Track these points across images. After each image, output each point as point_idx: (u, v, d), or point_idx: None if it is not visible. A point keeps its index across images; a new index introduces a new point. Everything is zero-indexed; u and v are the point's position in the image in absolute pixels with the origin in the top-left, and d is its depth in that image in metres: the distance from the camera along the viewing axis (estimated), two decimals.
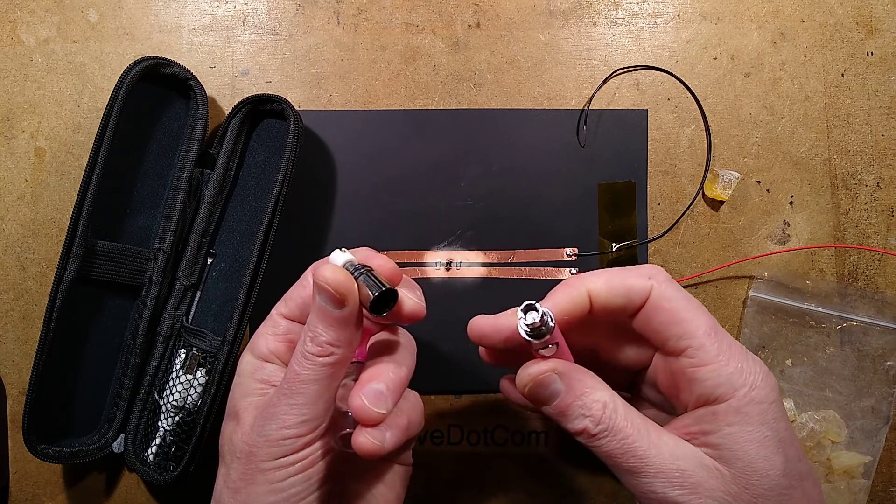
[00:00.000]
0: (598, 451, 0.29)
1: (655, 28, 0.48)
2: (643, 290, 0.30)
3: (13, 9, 0.47)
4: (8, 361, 0.47)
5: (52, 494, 0.47)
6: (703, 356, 0.29)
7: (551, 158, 0.47)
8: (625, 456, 0.28)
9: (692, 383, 0.29)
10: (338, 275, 0.29)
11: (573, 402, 0.30)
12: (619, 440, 0.28)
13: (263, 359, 0.34)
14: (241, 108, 0.45)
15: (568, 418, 0.30)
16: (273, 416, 0.30)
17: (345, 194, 0.47)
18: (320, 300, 0.30)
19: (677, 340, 0.29)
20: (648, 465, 0.28)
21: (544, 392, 0.30)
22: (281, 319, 0.34)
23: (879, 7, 0.47)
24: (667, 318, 0.30)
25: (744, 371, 0.28)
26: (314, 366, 0.30)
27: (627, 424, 0.29)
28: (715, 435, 0.28)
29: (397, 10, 0.48)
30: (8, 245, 0.47)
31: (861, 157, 0.47)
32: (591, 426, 0.29)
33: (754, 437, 0.28)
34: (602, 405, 0.29)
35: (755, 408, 0.28)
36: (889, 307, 0.46)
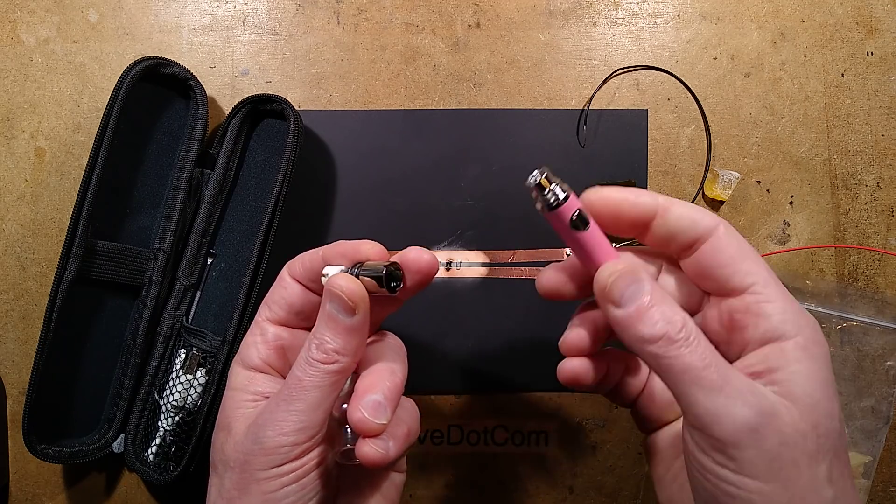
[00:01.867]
0: (674, 363, 0.26)
1: (655, 28, 0.48)
2: (710, 224, 0.29)
3: (13, 9, 0.47)
4: (8, 361, 0.47)
5: (52, 494, 0.47)
6: (770, 292, 0.28)
7: (551, 158, 0.47)
8: (707, 369, 0.26)
9: (759, 318, 0.28)
10: (351, 283, 0.29)
11: (656, 304, 0.27)
12: (702, 350, 0.26)
13: (255, 369, 0.33)
14: (241, 108, 0.45)
15: (646, 322, 0.27)
16: (270, 423, 0.29)
17: (345, 194, 0.47)
18: (331, 308, 0.30)
19: (744, 276, 0.28)
20: (729, 383, 0.26)
21: (627, 289, 0.28)
22: (268, 325, 0.33)
23: (879, 7, 0.47)
24: (734, 253, 0.29)
25: (804, 314, 0.28)
26: (318, 373, 0.30)
27: (709, 344, 0.27)
28: (782, 372, 0.27)
29: (397, 10, 0.48)
30: (8, 245, 0.47)
31: (861, 157, 0.47)
32: (673, 331, 0.27)
33: (820, 377, 0.27)
34: (682, 317, 0.27)
35: (819, 349, 0.27)
36: (889, 307, 0.46)
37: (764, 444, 0.25)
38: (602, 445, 0.47)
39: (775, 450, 0.25)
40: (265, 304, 0.34)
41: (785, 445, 0.25)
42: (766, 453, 0.25)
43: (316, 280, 0.33)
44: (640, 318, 0.28)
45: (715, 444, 0.26)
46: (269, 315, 0.34)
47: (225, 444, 0.31)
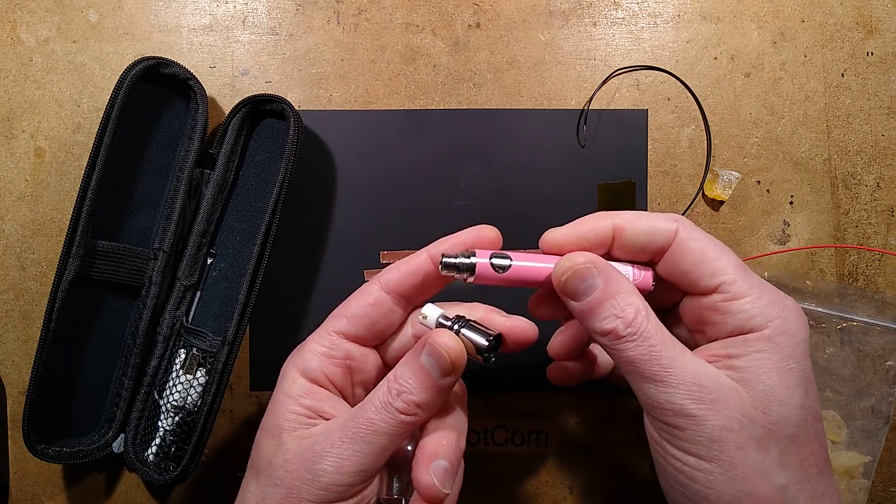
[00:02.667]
0: (621, 356, 0.29)
1: (655, 28, 0.48)
2: (669, 231, 0.30)
3: (13, 9, 0.47)
4: (8, 361, 0.47)
5: (52, 494, 0.47)
6: (736, 290, 0.29)
7: (551, 158, 0.47)
8: (649, 363, 0.28)
9: (726, 316, 0.29)
10: (456, 345, 0.29)
11: (607, 300, 0.29)
12: (647, 346, 0.28)
13: (316, 381, 0.31)
14: (241, 108, 0.45)
15: (598, 316, 0.29)
16: (327, 457, 0.28)
17: (345, 194, 0.47)
18: (427, 362, 0.29)
19: (709, 278, 0.29)
20: (671, 375, 0.27)
21: (581, 284, 0.30)
22: (341, 340, 0.32)
23: (879, 7, 0.47)
24: (696, 257, 0.30)
25: (776, 303, 0.29)
26: (394, 421, 0.29)
27: (656, 333, 0.28)
28: (741, 359, 0.28)
29: (397, 10, 0.48)
30: (8, 245, 0.47)
31: (861, 157, 0.47)
32: (622, 327, 0.28)
33: (780, 366, 0.28)
34: (635, 309, 0.29)
35: (786, 339, 0.28)
36: (889, 307, 0.46)
37: (703, 428, 0.27)
38: (602, 445, 0.47)
39: (716, 433, 0.27)
40: (341, 317, 0.32)
41: (727, 430, 0.27)
42: (706, 436, 0.27)
43: (415, 291, 0.32)
44: (591, 312, 0.29)
45: (660, 425, 0.28)
46: (346, 329, 0.32)
47: (273, 455, 0.30)
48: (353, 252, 0.47)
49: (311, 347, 0.32)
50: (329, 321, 0.33)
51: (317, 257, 0.47)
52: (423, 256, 0.32)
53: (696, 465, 0.27)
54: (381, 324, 0.32)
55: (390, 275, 0.32)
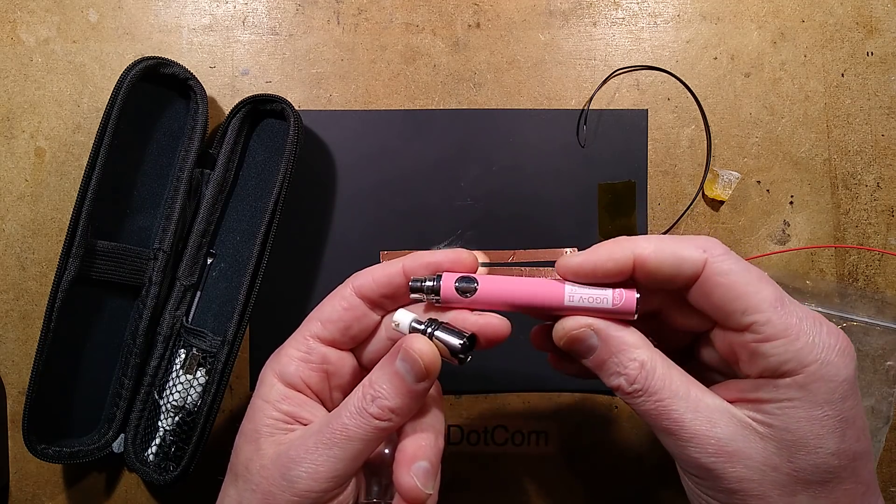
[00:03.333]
0: (635, 410, 0.29)
1: (655, 28, 0.48)
2: (696, 262, 0.28)
3: (13, 9, 0.47)
4: (8, 361, 0.47)
5: (52, 494, 0.47)
6: (770, 331, 0.26)
7: (551, 158, 0.47)
8: (659, 417, 0.28)
9: (756, 357, 0.27)
10: (430, 350, 0.29)
11: (609, 358, 0.29)
12: (654, 402, 0.28)
13: (293, 386, 0.31)
14: (241, 108, 0.45)
15: (604, 373, 0.29)
16: (302, 463, 0.28)
17: (345, 194, 0.47)
18: (402, 367, 0.29)
19: (740, 316, 0.27)
20: (683, 429, 0.27)
21: (580, 347, 0.30)
22: (317, 344, 0.32)
23: (879, 7, 0.47)
24: (725, 293, 0.27)
25: (815, 346, 0.26)
26: (367, 426, 0.29)
27: (664, 386, 0.28)
28: (771, 405, 0.27)
29: (397, 10, 0.48)
30: (8, 245, 0.47)
31: (861, 157, 0.47)
32: (626, 385, 0.28)
33: (813, 416, 0.26)
34: (639, 364, 0.28)
35: (822, 386, 0.26)
36: (889, 307, 0.46)
37: (721, 481, 0.27)
38: (602, 445, 0.47)
39: (734, 485, 0.26)
40: (316, 321, 0.32)
41: (746, 480, 0.26)
42: (724, 488, 0.27)
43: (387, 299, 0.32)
44: (598, 369, 0.30)
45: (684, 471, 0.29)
46: (322, 333, 0.32)
47: (251, 460, 0.30)
48: (353, 252, 0.47)
49: (288, 352, 0.31)
50: (305, 325, 0.32)
51: (317, 257, 0.47)
52: (397, 267, 0.31)
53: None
54: (355, 328, 0.32)
55: (363, 279, 0.32)
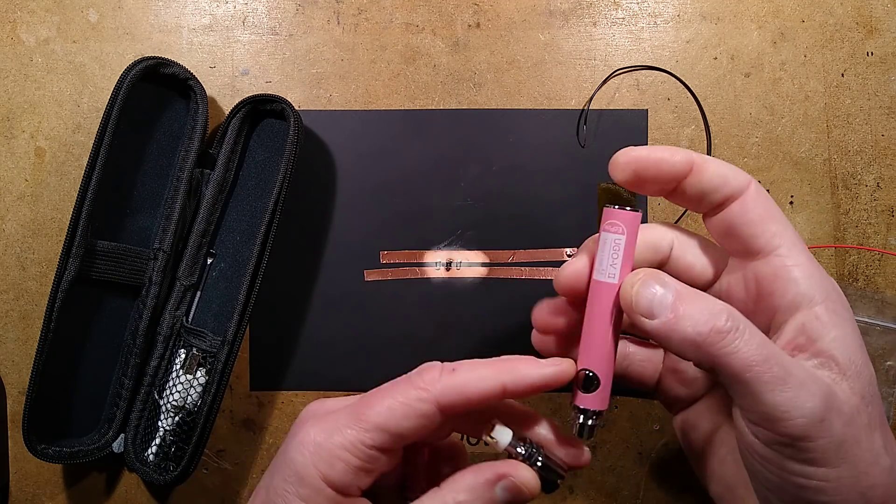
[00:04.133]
0: (731, 362, 0.24)
1: (655, 28, 0.48)
2: (743, 181, 0.28)
3: (13, 9, 0.47)
4: (8, 361, 0.47)
5: (52, 494, 0.47)
6: (797, 256, 0.27)
7: (551, 158, 0.47)
8: (767, 362, 0.24)
9: (787, 283, 0.26)
10: (537, 482, 0.28)
11: (691, 307, 0.25)
12: (757, 342, 0.24)
13: (343, 493, 0.27)
14: (241, 108, 0.45)
15: (688, 321, 0.25)
16: None
17: (345, 194, 0.47)
18: (502, 496, 0.27)
19: (771, 237, 0.27)
20: (793, 374, 0.24)
21: (653, 297, 0.26)
22: (378, 454, 0.27)
23: (879, 7, 0.47)
24: (764, 212, 0.27)
25: (827, 277, 0.27)
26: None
27: (759, 332, 0.25)
28: (822, 341, 0.25)
29: (397, 10, 0.48)
30: (8, 245, 0.47)
31: (861, 157, 0.47)
32: (721, 323, 0.25)
33: (857, 342, 0.26)
34: (723, 305, 0.25)
35: (847, 312, 0.26)
36: (889, 307, 0.46)
37: (832, 431, 0.24)
38: (602, 445, 0.47)
39: (840, 433, 0.24)
40: (384, 431, 0.27)
41: (848, 426, 0.24)
42: (834, 439, 0.24)
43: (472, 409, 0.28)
44: (679, 320, 0.26)
45: (783, 439, 0.24)
46: (385, 444, 0.27)
47: None
48: (353, 252, 0.47)
49: (345, 456, 0.27)
50: (369, 427, 0.27)
51: (317, 257, 0.47)
52: (494, 386, 0.28)
53: (825, 476, 0.24)
54: (426, 437, 0.29)
55: (452, 397, 0.27)
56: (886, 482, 0.25)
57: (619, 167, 0.30)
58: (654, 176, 0.29)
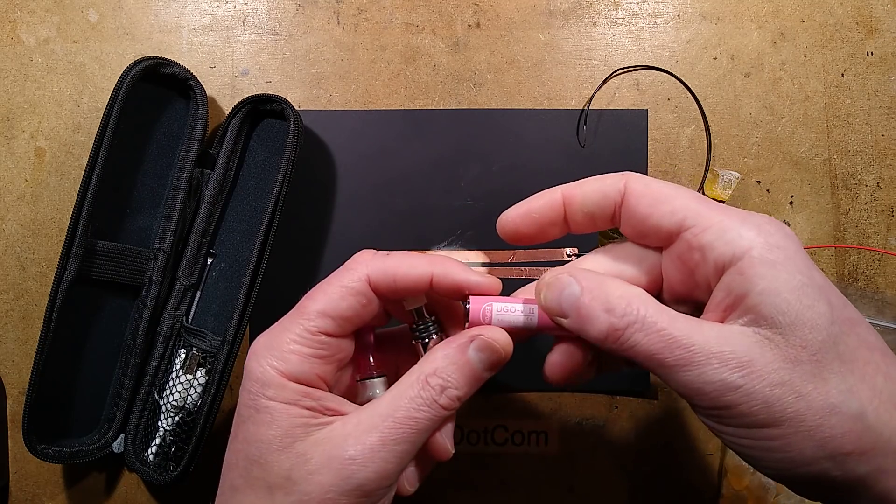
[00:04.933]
0: (638, 353, 0.26)
1: (655, 28, 0.48)
2: (617, 184, 0.28)
3: (13, 9, 0.47)
4: (8, 361, 0.47)
5: (52, 494, 0.47)
6: (703, 221, 0.26)
7: (551, 158, 0.47)
8: (668, 349, 0.25)
9: (704, 251, 0.26)
10: (509, 343, 0.29)
11: (591, 300, 0.26)
12: (656, 332, 0.25)
13: (308, 384, 0.29)
14: (241, 108, 0.45)
15: (590, 321, 0.26)
16: (370, 464, 0.26)
17: (345, 194, 0.47)
18: (477, 359, 0.28)
19: (671, 217, 0.27)
20: (696, 353, 0.24)
21: (559, 296, 0.28)
22: (329, 339, 0.29)
23: (879, 7, 0.47)
24: (651, 199, 0.28)
25: (749, 221, 0.26)
26: (437, 416, 0.28)
27: (661, 317, 0.26)
28: (751, 296, 0.25)
29: (397, 10, 0.48)
30: (8, 245, 0.47)
31: (861, 157, 0.47)
32: (616, 320, 0.26)
33: (791, 285, 0.24)
34: (626, 300, 0.26)
35: (780, 253, 0.25)
36: (889, 307, 0.46)
37: (754, 394, 0.24)
38: (602, 445, 0.47)
39: (768, 393, 0.24)
40: (327, 317, 0.29)
41: (778, 384, 0.24)
42: (760, 400, 0.24)
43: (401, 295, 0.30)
44: (584, 320, 0.27)
45: (710, 411, 0.25)
46: (333, 330, 0.29)
47: (293, 469, 0.27)
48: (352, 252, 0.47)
49: (291, 348, 0.29)
50: (311, 316, 0.29)
51: (317, 257, 0.47)
52: (423, 273, 0.29)
53: (766, 436, 0.24)
54: (366, 318, 0.30)
55: (382, 276, 0.29)
56: (850, 430, 0.24)
57: (502, 233, 0.31)
58: (534, 229, 0.30)
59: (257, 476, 0.28)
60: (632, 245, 0.31)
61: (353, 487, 0.26)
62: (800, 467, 0.24)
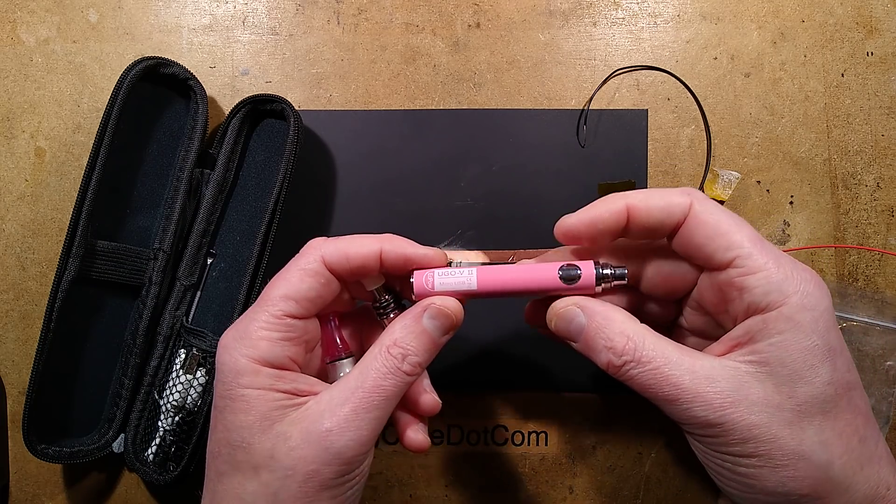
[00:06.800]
0: (633, 384, 0.29)
1: (655, 28, 0.48)
2: (683, 204, 0.29)
3: (13, 9, 0.47)
4: (8, 361, 0.47)
5: (52, 494, 0.47)
6: (752, 264, 0.28)
7: (551, 158, 0.47)
8: (659, 385, 0.28)
9: (742, 292, 0.28)
10: (459, 308, 0.32)
11: (595, 334, 0.30)
12: (649, 370, 0.28)
13: (280, 367, 0.30)
14: (241, 108, 0.45)
15: (594, 351, 0.30)
16: (345, 432, 0.29)
17: (345, 194, 0.47)
18: (431, 325, 0.31)
19: (724, 252, 0.29)
20: (683, 391, 0.27)
21: (569, 326, 0.31)
22: (295, 321, 0.31)
23: (879, 7, 0.47)
24: (711, 230, 0.29)
25: (794, 278, 0.28)
26: (402, 382, 0.30)
27: (656, 354, 0.28)
28: (762, 343, 0.27)
29: (397, 10, 0.48)
30: (8, 245, 0.47)
31: (861, 157, 0.47)
32: (615, 358, 0.29)
33: (803, 345, 0.27)
34: (626, 337, 0.29)
35: (807, 315, 0.27)
36: (889, 307, 0.46)
37: (732, 431, 0.27)
38: (602, 445, 0.47)
39: (745, 432, 0.27)
40: (290, 299, 0.31)
41: (755, 426, 0.27)
42: (738, 437, 0.27)
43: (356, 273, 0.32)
44: (588, 350, 0.30)
45: (693, 435, 0.29)
46: (297, 312, 0.31)
47: (274, 448, 0.29)
48: None
49: (263, 334, 0.30)
50: (273, 302, 0.31)
51: None
52: (373, 250, 0.32)
53: (741, 463, 0.28)
54: (328, 299, 0.32)
55: (336, 257, 0.31)
56: (813, 475, 0.27)
57: (559, 234, 0.33)
58: (592, 234, 0.32)
59: (241, 459, 0.29)
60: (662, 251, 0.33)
61: (332, 456, 0.28)
62: (760, 496, 0.28)
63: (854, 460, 0.27)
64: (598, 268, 0.32)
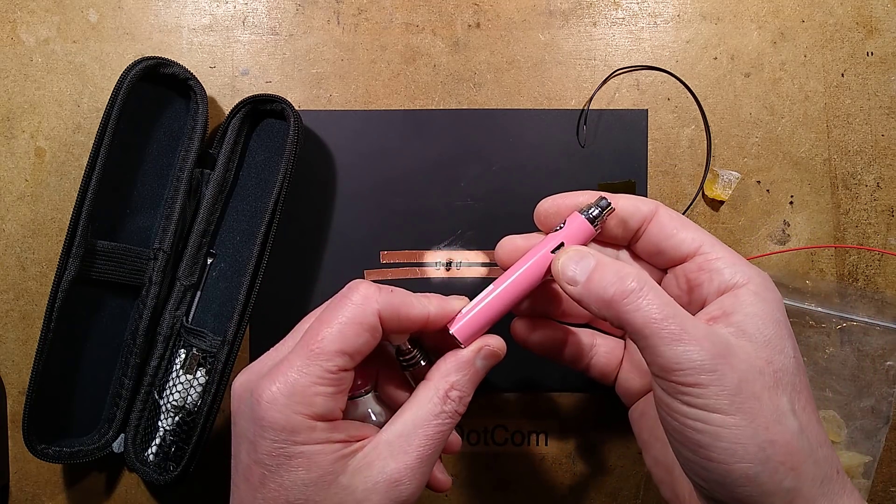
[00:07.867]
0: (634, 318, 0.28)
1: (655, 28, 0.48)
2: (651, 205, 0.34)
3: (13, 9, 0.47)
4: (8, 361, 0.47)
5: (52, 494, 0.47)
6: (716, 252, 0.32)
7: (551, 158, 0.47)
8: (665, 320, 0.28)
9: (712, 273, 0.31)
10: (504, 345, 0.33)
11: (604, 269, 0.30)
12: (658, 304, 0.28)
13: (332, 419, 0.30)
14: (241, 108, 0.45)
15: (600, 285, 0.30)
16: (412, 480, 0.29)
17: (345, 194, 0.47)
18: (482, 365, 0.33)
19: (691, 242, 0.32)
20: (686, 332, 0.28)
21: (577, 265, 0.31)
22: (344, 374, 0.30)
23: (879, 7, 0.47)
24: (678, 224, 0.33)
25: (749, 265, 0.32)
26: (453, 423, 0.31)
27: (662, 293, 0.29)
28: (737, 314, 0.29)
29: (397, 10, 0.48)
30: (8, 245, 0.47)
31: (861, 157, 0.47)
32: (626, 285, 0.29)
33: (775, 317, 0.29)
34: (636, 272, 0.30)
35: (770, 294, 0.30)
36: (889, 307, 0.46)
37: (724, 381, 0.27)
38: (602, 445, 0.47)
39: (735, 385, 0.27)
40: (343, 355, 0.29)
41: (745, 381, 0.27)
42: (728, 388, 0.27)
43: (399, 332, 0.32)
44: (593, 283, 0.30)
45: (679, 387, 0.28)
46: (347, 365, 0.30)
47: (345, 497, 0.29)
48: (353, 252, 0.47)
49: (321, 391, 0.29)
50: (330, 357, 0.29)
51: (317, 257, 0.47)
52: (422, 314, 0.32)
53: (720, 422, 0.27)
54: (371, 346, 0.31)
55: (389, 313, 0.31)
56: (789, 441, 0.27)
57: (539, 215, 0.36)
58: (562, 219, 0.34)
59: None
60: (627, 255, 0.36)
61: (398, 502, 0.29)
62: (737, 462, 0.27)
63: (816, 436, 0.28)
64: (583, 212, 0.34)
